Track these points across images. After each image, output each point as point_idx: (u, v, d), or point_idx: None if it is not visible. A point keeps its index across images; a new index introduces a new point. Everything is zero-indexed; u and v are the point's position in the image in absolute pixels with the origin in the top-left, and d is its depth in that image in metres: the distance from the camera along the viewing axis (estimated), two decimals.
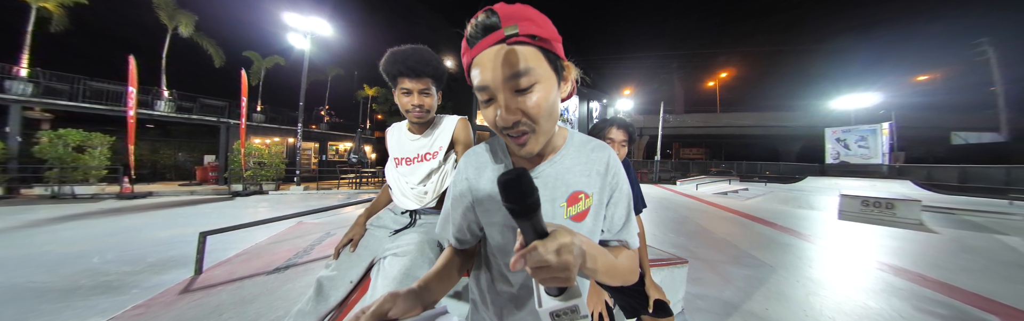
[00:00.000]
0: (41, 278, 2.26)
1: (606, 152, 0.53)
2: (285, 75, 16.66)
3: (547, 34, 0.39)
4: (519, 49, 0.38)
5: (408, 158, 0.99)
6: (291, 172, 9.79)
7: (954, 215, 5.96)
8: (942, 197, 8.97)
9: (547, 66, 0.40)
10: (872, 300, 2.13)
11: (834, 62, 30.81)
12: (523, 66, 0.38)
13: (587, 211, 0.50)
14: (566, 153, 0.52)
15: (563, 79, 0.44)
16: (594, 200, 0.50)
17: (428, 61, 0.86)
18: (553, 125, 0.44)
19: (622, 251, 0.51)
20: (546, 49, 0.40)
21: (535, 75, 0.39)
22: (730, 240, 3.80)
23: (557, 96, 0.43)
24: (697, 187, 11.44)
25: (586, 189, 0.50)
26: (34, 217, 4.56)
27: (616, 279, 0.44)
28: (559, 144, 0.52)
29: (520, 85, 0.39)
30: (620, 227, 0.52)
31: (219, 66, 13.26)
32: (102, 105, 9.06)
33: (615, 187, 0.52)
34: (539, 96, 0.40)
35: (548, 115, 0.41)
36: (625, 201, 0.53)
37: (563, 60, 0.43)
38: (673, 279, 1.42)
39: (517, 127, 0.41)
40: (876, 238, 4.12)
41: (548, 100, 0.40)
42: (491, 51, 0.39)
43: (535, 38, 0.38)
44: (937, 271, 2.77)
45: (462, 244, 0.58)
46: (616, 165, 0.53)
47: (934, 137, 16.66)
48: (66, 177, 7.34)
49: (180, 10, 11.64)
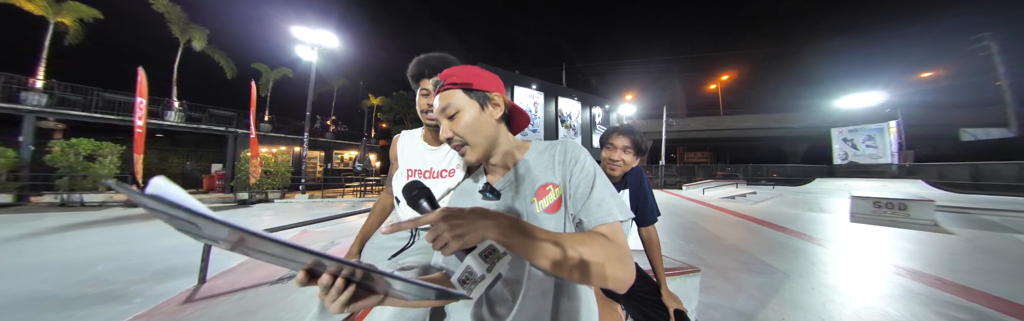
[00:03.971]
0: (45, 286, 2.27)
1: (562, 144, 0.59)
2: (292, 86, 17.02)
3: (463, 80, 0.57)
4: (444, 93, 0.57)
5: (423, 171, 0.94)
6: (296, 181, 9.86)
7: (969, 214, 5.80)
8: (956, 196, 8.76)
9: (465, 99, 0.56)
10: (891, 307, 2.05)
11: (836, 61, 30.76)
12: (446, 102, 0.56)
13: (559, 201, 0.54)
14: (528, 159, 0.60)
15: (493, 105, 0.58)
16: (562, 189, 0.54)
17: (448, 62, 0.88)
18: (483, 138, 0.56)
19: (590, 237, 0.45)
20: (463, 88, 0.57)
21: (455, 106, 0.56)
22: (740, 246, 3.72)
23: (483, 117, 0.56)
24: (704, 191, 11.29)
25: (551, 180, 0.55)
26: (42, 225, 4.61)
27: (574, 269, 0.41)
28: (521, 154, 0.61)
29: (447, 114, 0.56)
30: (595, 206, 0.50)
31: (231, 78, 13.60)
32: (113, 115, 9.27)
33: (577, 169, 0.55)
34: (462, 118, 0.56)
35: (472, 132, 0.56)
36: (588, 180, 0.53)
37: (489, 92, 0.57)
38: (686, 288, 1.38)
39: (454, 142, 0.56)
40: (890, 241, 4.01)
41: (469, 122, 0.55)
42: (437, 96, 0.59)
43: (454, 84, 0.57)
44: (956, 274, 2.68)
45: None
46: (572, 151, 0.57)
47: (942, 135, 16.37)
48: (76, 185, 7.46)
49: (192, 24, 12.04)
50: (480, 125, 0.56)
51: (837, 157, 17.47)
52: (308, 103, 10.21)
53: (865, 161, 16.37)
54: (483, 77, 0.58)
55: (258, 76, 15.24)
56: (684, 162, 29.83)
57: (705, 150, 32.18)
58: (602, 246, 0.44)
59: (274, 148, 12.63)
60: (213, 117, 11.91)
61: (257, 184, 8.83)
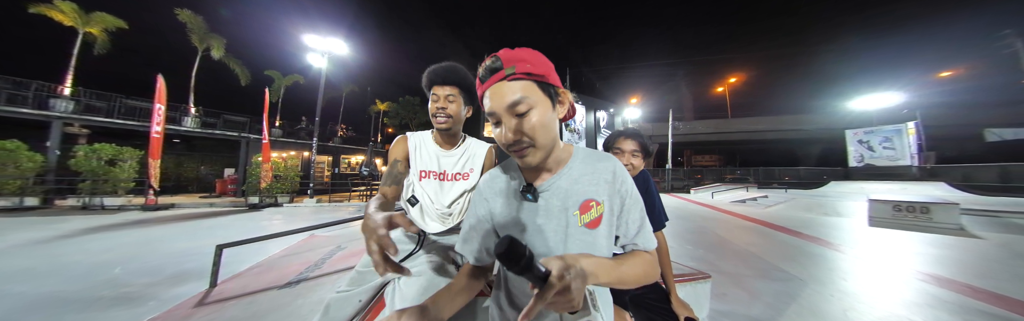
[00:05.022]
0: (67, 288, 2.33)
1: (611, 162, 0.58)
2: (303, 92, 17.43)
3: (539, 71, 0.50)
4: (516, 84, 0.49)
5: (438, 173, 0.95)
6: (305, 185, 10.03)
7: (998, 218, 5.53)
8: (982, 199, 8.37)
9: (541, 94, 0.50)
10: (917, 315, 1.95)
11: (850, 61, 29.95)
12: (519, 96, 0.49)
13: (600, 218, 0.54)
14: (573, 165, 0.58)
15: (559, 102, 0.53)
16: (605, 207, 0.55)
17: (455, 71, 0.91)
18: (550, 140, 0.52)
19: (638, 256, 0.55)
20: (539, 81, 0.50)
21: (529, 102, 0.49)
22: (753, 251, 3.61)
23: (553, 116, 0.52)
24: (713, 195, 11.07)
25: (596, 197, 0.55)
26: (66, 227, 4.77)
27: (629, 284, 0.50)
28: (565, 158, 0.58)
29: (518, 110, 0.49)
30: (636, 232, 0.57)
31: (246, 84, 14.03)
32: (134, 121, 9.63)
33: (626, 194, 0.56)
34: (535, 119, 0.50)
35: (544, 133, 0.50)
36: (638, 207, 0.57)
37: (558, 87, 0.53)
38: (697, 295, 1.34)
39: (520, 144, 0.51)
40: (913, 245, 3.84)
41: (542, 121, 0.50)
42: (497, 86, 0.50)
43: (529, 75, 0.50)
44: (986, 280, 2.54)
45: (480, 262, 0.61)
46: (623, 174, 0.57)
47: (965, 135, 15.74)
48: (97, 189, 7.73)
49: (211, 34, 12.52)
50: (551, 125, 0.51)
51: (852, 159, 16.95)
52: (317, 109, 10.44)
53: (882, 163, 15.83)
54: (549, 66, 0.52)
55: (270, 82, 15.69)
56: (692, 165, 29.35)
57: (714, 153, 31.60)
58: (651, 265, 0.55)
59: (284, 153, 12.90)
60: (227, 123, 12.27)
61: (267, 188, 9.00)
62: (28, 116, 8.19)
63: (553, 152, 0.55)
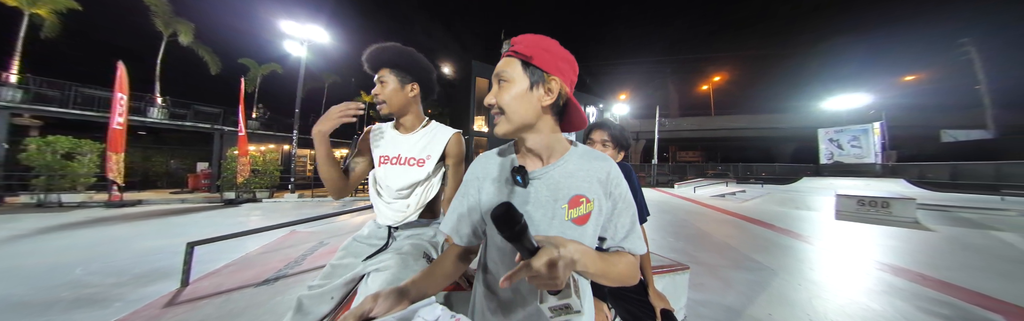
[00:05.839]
0: (21, 291, 2.17)
1: (608, 163, 0.59)
2: (281, 82, 16.65)
3: (527, 52, 0.54)
4: (506, 59, 0.56)
5: (394, 157, 0.92)
6: (286, 179, 9.67)
7: (948, 212, 6.01)
8: (935, 194, 9.06)
9: (520, 72, 0.54)
10: (875, 302, 2.11)
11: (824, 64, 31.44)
12: (502, 68, 0.55)
13: (588, 215, 0.55)
14: (569, 159, 0.58)
15: (540, 87, 0.54)
16: (595, 206, 0.55)
17: (381, 51, 0.87)
18: (519, 116, 0.54)
19: (624, 256, 0.55)
20: (524, 62, 0.54)
21: (506, 76, 0.54)
22: (730, 243, 3.78)
23: (528, 96, 0.54)
24: (695, 190, 11.47)
25: (587, 194, 0.55)
26: (18, 226, 4.42)
27: (611, 281, 0.51)
28: (561, 150, 0.59)
29: (500, 78, 0.55)
30: (624, 236, 0.57)
31: (215, 73, 13.21)
32: (92, 112, 8.94)
33: (619, 197, 0.57)
34: (508, 89, 0.54)
35: (513, 106, 0.54)
36: (630, 211, 0.58)
37: (547, 73, 0.54)
38: (675, 286, 1.39)
39: (494, 109, 0.55)
40: (874, 238, 4.12)
41: (513, 96, 0.54)
42: (501, 61, 0.57)
43: (517, 53, 0.55)
44: (936, 270, 2.76)
45: (466, 242, 0.61)
46: (618, 176, 0.58)
47: (924, 136, 16.93)
48: (53, 185, 7.18)
49: (177, 18, 11.65)
50: (521, 103, 0.53)
51: (823, 157, 17.91)
52: (297, 100, 10.01)
53: (850, 161, 16.82)
54: (551, 54, 0.54)
55: (245, 71, 14.87)
56: (676, 161, 30.21)
57: (697, 149, 32.62)
58: (635, 268, 0.55)
59: (263, 146, 12.36)
60: (198, 114, 11.57)
61: (245, 183, 8.63)
62: None
63: (533, 134, 0.57)
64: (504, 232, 0.36)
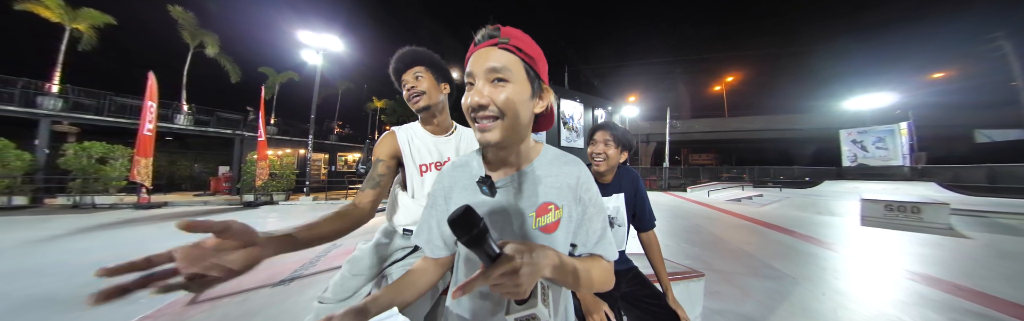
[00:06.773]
0: (56, 288, 2.30)
1: (578, 167, 0.56)
2: (298, 89, 17.26)
3: (531, 53, 0.48)
4: (505, 54, 0.47)
5: (442, 163, 0.88)
6: (301, 182, 9.95)
7: (986, 218, 5.63)
8: (971, 199, 8.52)
9: (523, 75, 0.48)
10: (906, 314, 1.99)
11: (845, 61, 30.19)
12: (504, 64, 0.46)
13: (557, 223, 0.52)
14: (538, 165, 0.55)
15: (538, 96, 0.51)
16: (564, 213, 0.52)
17: (415, 52, 0.88)
18: (518, 124, 0.48)
19: (598, 262, 0.53)
20: (527, 63, 0.48)
21: (510, 74, 0.46)
22: (747, 250, 3.65)
23: (528, 104, 0.49)
24: (709, 194, 11.16)
25: (556, 201, 0.52)
26: (56, 226, 4.70)
27: (585, 288, 0.47)
28: (532, 157, 0.56)
29: (498, 76, 0.46)
30: (596, 241, 0.54)
31: (236, 82, 13.84)
32: (125, 119, 9.48)
33: (588, 202, 0.54)
34: (511, 91, 0.46)
35: (514, 111, 0.47)
36: (600, 217, 0.55)
37: (543, 82, 0.50)
38: (690, 293, 1.36)
39: (485, 111, 0.46)
40: (903, 245, 3.91)
41: (517, 98, 0.47)
42: (486, 50, 0.48)
43: (520, 51, 0.47)
44: (973, 280, 2.59)
45: (436, 253, 0.58)
46: (588, 180, 0.55)
47: (955, 136, 16.01)
48: (88, 187, 7.62)
49: (202, 30, 12.32)
50: (523, 109, 0.48)
51: (846, 159, 17.15)
52: (313, 106, 10.35)
53: (875, 163, 16.04)
54: (543, 60, 0.51)
55: (264, 80, 15.51)
56: (688, 164, 29.54)
57: (710, 152, 31.84)
58: (608, 273, 0.52)
59: (280, 151, 12.79)
60: (221, 120, 12.12)
61: (263, 186, 8.93)
62: (15, 114, 8.04)
63: (519, 144, 0.52)
64: (461, 237, 0.33)
